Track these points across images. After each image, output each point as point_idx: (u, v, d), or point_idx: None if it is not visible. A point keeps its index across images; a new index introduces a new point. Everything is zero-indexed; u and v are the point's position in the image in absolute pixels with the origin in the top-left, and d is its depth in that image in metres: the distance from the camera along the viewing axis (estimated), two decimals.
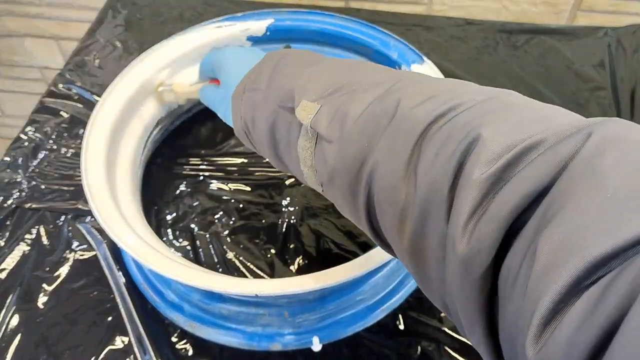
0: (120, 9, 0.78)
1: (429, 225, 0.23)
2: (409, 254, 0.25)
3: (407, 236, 0.25)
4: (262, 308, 0.45)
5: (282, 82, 0.33)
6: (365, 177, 0.27)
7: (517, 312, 0.19)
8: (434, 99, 0.25)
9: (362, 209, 0.28)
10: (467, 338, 0.24)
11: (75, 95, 0.66)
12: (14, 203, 0.55)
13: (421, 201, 0.23)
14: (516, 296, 0.19)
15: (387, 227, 0.27)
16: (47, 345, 0.46)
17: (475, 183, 0.21)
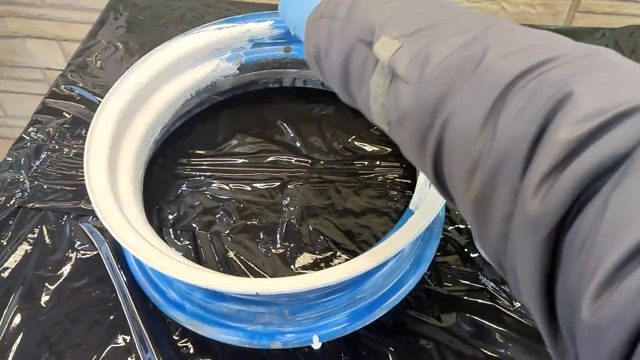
0: (121, 11, 0.79)
1: (501, 180, 0.23)
2: (472, 207, 0.25)
3: (474, 188, 0.24)
4: (262, 307, 0.45)
5: (363, 14, 0.32)
6: (439, 123, 0.26)
7: (580, 273, 0.19)
8: (525, 50, 0.24)
9: (430, 155, 0.27)
10: (520, 297, 0.24)
11: (77, 96, 0.66)
12: (17, 203, 0.56)
13: (498, 154, 0.23)
14: (580, 258, 0.19)
15: (453, 177, 0.26)
16: (49, 344, 0.46)
17: (561, 142, 0.20)
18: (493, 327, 0.47)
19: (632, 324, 0.16)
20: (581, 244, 0.19)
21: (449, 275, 0.51)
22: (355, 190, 0.57)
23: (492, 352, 0.46)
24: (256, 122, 0.63)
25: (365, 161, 0.59)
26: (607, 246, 0.18)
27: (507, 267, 0.24)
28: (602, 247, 0.18)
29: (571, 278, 0.20)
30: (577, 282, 0.19)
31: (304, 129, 0.62)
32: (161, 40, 0.59)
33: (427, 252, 0.50)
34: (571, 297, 0.20)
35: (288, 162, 0.59)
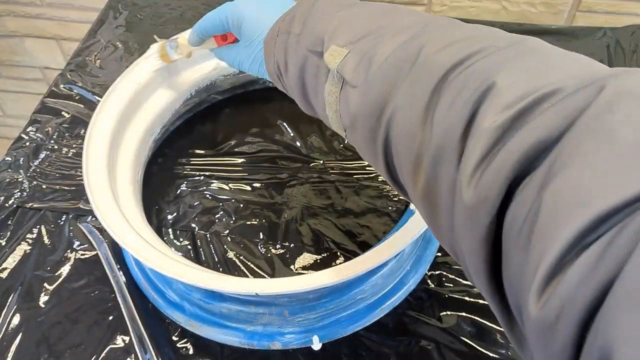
0: (121, 10, 0.79)
1: (440, 172, 0.23)
2: (421, 200, 0.26)
3: (420, 182, 0.25)
4: (262, 307, 0.45)
5: (314, 26, 0.33)
6: (384, 122, 0.27)
7: (521, 265, 0.19)
8: (456, 44, 0.25)
9: (381, 154, 0.28)
10: (474, 284, 0.24)
11: (76, 96, 0.66)
12: (15, 203, 0.55)
13: (435, 147, 0.24)
14: (520, 249, 0.19)
15: (403, 173, 0.27)
16: (48, 345, 0.46)
17: (486, 131, 0.21)
18: (494, 328, 0.47)
19: (578, 316, 0.16)
20: (517, 235, 0.20)
21: (449, 275, 0.51)
22: (355, 190, 0.57)
23: (493, 352, 0.46)
24: (256, 122, 0.63)
25: (365, 161, 0.59)
26: (546, 239, 0.18)
27: (460, 257, 0.24)
28: (541, 240, 0.18)
29: (513, 270, 0.20)
30: (520, 274, 0.19)
31: (304, 129, 0.62)
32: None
33: (427, 253, 0.50)
34: (517, 289, 0.20)
35: (288, 162, 0.59)
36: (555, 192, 0.18)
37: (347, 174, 0.58)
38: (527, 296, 0.18)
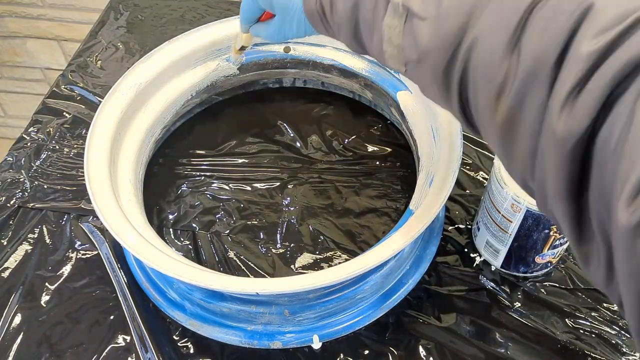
0: (122, 11, 0.79)
1: (529, 99, 0.23)
2: (499, 131, 0.25)
3: (501, 112, 0.25)
4: (262, 306, 0.45)
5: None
6: (462, 54, 0.26)
7: (612, 176, 0.20)
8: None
9: (455, 89, 0.27)
10: (548, 211, 0.24)
11: (77, 96, 0.66)
12: (17, 203, 0.56)
13: (524, 75, 0.23)
14: (612, 161, 0.20)
15: (479, 106, 0.26)
16: (50, 344, 0.46)
17: (584, 56, 0.21)
18: (493, 327, 0.47)
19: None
20: (612, 148, 0.20)
21: (449, 275, 0.51)
22: (355, 190, 0.57)
23: (492, 352, 0.46)
24: (256, 122, 0.63)
25: (365, 161, 0.59)
26: (638, 149, 0.18)
27: (535, 185, 0.24)
28: (634, 149, 0.19)
29: (604, 183, 0.21)
30: (610, 186, 0.20)
31: (304, 129, 0.62)
32: (161, 40, 0.59)
33: (427, 252, 0.50)
34: (604, 201, 0.21)
35: (288, 162, 0.59)
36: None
37: (347, 174, 0.58)
38: (616, 205, 0.19)
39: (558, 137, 0.22)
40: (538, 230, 0.45)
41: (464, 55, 0.26)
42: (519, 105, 0.24)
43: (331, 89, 0.65)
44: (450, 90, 0.28)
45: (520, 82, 0.23)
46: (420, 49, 0.28)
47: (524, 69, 0.23)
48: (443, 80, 0.28)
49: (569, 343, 0.46)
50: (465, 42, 0.26)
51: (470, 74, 0.26)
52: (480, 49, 0.25)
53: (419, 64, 0.29)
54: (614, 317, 0.48)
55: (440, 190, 0.45)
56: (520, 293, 0.49)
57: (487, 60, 0.25)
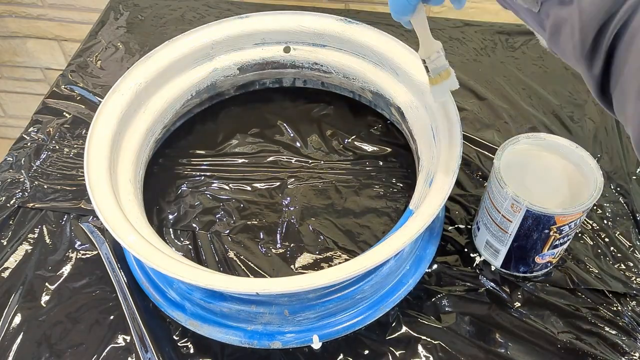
0: (122, 11, 0.79)
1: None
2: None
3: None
4: (262, 306, 0.46)
5: None
6: (627, 9, 0.22)
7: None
8: None
9: (604, 48, 0.23)
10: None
11: (77, 96, 0.66)
12: (17, 203, 0.56)
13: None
14: None
15: (630, 78, 0.22)
16: (50, 344, 0.46)
17: None
18: (493, 327, 0.47)
19: None
20: None
21: (449, 275, 0.51)
22: (355, 190, 0.57)
23: (492, 352, 0.46)
24: (256, 122, 0.63)
25: (365, 161, 0.59)
26: None
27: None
28: None
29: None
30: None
31: (304, 129, 0.62)
32: (161, 40, 0.60)
33: (427, 252, 0.50)
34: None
35: (288, 162, 0.59)
36: None
37: (347, 174, 0.58)
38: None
39: None
40: (538, 230, 0.45)
41: (629, 9, 0.22)
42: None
43: (331, 89, 0.65)
44: (599, 48, 0.23)
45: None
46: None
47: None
48: (593, 34, 0.23)
49: (569, 343, 0.46)
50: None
51: (628, 35, 0.22)
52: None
53: (566, 5, 0.24)
54: (613, 317, 0.48)
55: (440, 190, 0.45)
56: (520, 293, 0.49)
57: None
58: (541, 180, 0.46)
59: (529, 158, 0.48)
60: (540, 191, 0.45)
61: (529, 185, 0.46)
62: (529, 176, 0.47)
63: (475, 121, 0.63)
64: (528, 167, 0.47)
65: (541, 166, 0.47)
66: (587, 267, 0.51)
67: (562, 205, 0.44)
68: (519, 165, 0.47)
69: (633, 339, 0.47)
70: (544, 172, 0.47)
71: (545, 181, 0.46)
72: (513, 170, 0.46)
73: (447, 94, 0.48)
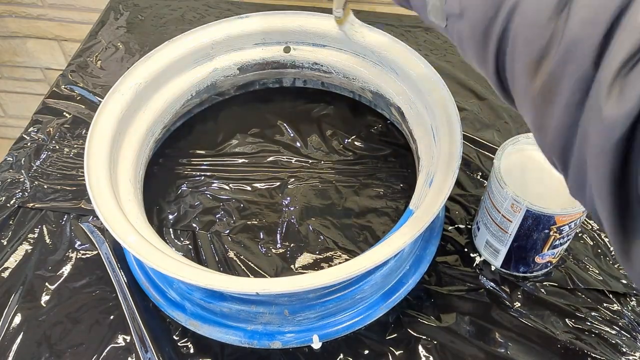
0: (122, 11, 0.79)
1: (570, 67, 0.22)
2: (533, 99, 0.24)
3: (539, 79, 0.23)
4: (262, 306, 0.46)
5: None
6: (505, 11, 0.25)
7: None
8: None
9: (492, 49, 0.26)
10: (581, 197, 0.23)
11: (77, 96, 0.66)
12: (17, 203, 0.56)
13: (569, 40, 0.22)
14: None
15: (516, 70, 0.25)
16: (50, 344, 0.46)
17: (638, 29, 0.19)
18: (493, 327, 0.47)
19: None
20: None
21: (448, 275, 0.51)
22: (355, 190, 0.57)
23: (492, 351, 0.46)
24: (256, 122, 0.63)
25: (365, 161, 0.59)
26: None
27: (572, 162, 0.23)
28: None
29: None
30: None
31: (304, 129, 0.62)
32: (161, 40, 0.60)
33: (427, 252, 0.51)
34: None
35: (288, 162, 0.59)
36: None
37: (347, 174, 0.58)
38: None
39: (604, 119, 0.20)
40: (538, 230, 0.45)
41: (507, 13, 0.25)
42: (560, 72, 0.22)
43: (331, 89, 0.65)
44: (488, 49, 0.26)
45: (564, 47, 0.22)
46: (463, 2, 0.27)
47: (570, 33, 0.22)
48: (482, 39, 0.27)
49: (569, 343, 0.46)
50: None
51: (511, 33, 0.25)
52: (525, 8, 0.24)
53: (459, 19, 0.28)
54: (613, 317, 0.48)
55: (440, 190, 0.45)
56: (520, 293, 0.49)
57: (531, 19, 0.24)
58: (541, 180, 0.46)
59: (529, 158, 0.48)
60: (540, 191, 0.45)
61: (529, 185, 0.46)
62: (529, 176, 0.47)
63: (475, 121, 0.63)
64: (528, 167, 0.47)
65: (541, 166, 0.47)
66: (587, 267, 0.51)
67: (562, 205, 0.44)
68: (519, 165, 0.47)
69: (633, 339, 0.47)
70: (544, 172, 0.47)
71: (545, 181, 0.46)
72: (513, 170, 0.46)
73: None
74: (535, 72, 0.24)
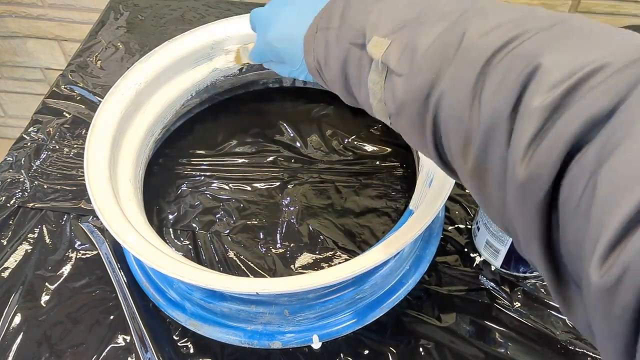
0: (122, 11, 0.79)
1: (490, 151, 0.24)
2: (471, 178, 0.27)
3: (470, 161, 0.26)
4: (262, 306, 0.46)
5: (353, 19, 0.34)
6: (432, 106, 0.28)
7: (580, 235, 0.20)
8: (499, 28, 0.26)
9: (429, 137, 0.29)
10: (525, 256, 0.25)
11: (77, 96, 0.66)
12: (17, 202, 0.56)
13: (484, 128, 0.24)
14: (577, 220, 0.20)
15: (452, 153, 0.28)
16: (50, 344, 0.46)
17: (536, 111, 0.22)
18: (493, 327, 0.47)
19: (639, 280, 0.17)
20: (575, 206, 0.21)
21: (448, 275, 0.51)
22: (355, 190, 0.57)
23: (492, 351, 0.46)
24: (256, 122, 0.63)
25: (365, 161, 0.59)
26: (607, 212, 0.19)
27: (511, 231, 0.25)
28: (601, 212, 0.19)
29: (572, 239, 0.21)
30: (579, 244, 0.20)
31: (304, 129, 0.62)
32: (161, 40, 0.60)
33: (427, 252, 0.50)
34: (575, 258, 0.21)
35: (288, 162, 0.59)
36: (613, 168, 0.19)
37: (347, 174, 0.58)
38: (588, 265, 0.19)
39: (520, 190, 0.22)
40: None
41: (433, 108, 0.28)
42: (483, 154, 0.25)
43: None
44: (426, 139, 0.30)
45: (482, 133, 0.25)
46: (397, 102, 0.30)
47: (484, 121, 0.24)
48: (419, 130, 0.30)
49: (569, 343, 0.46)
50: (433, 96, 0.28)
51: (442, 124, 0.28)
52: (447, 103, 0.27)
53: (398, 116, 0.31)
54: None
55: (440, 190, 0.45)
56: (520, 293, 0.49)
57: (453, 112, 0.27)
58: None
59: None
60: None
61: None
62: None
63: None
64: None
65: None
66: None
67: None
68: None
69: None
70: None
71: None
72: None
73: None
74: (465, 155, 0.27)
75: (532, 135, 0.22)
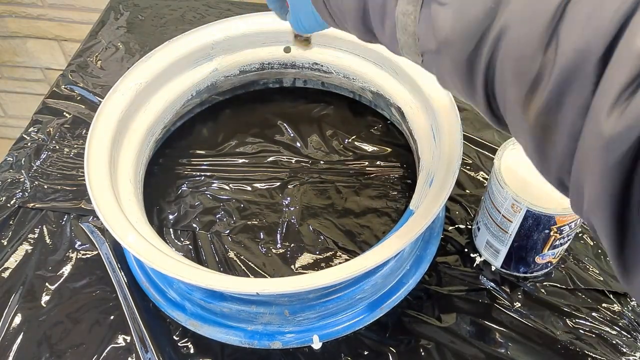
0: (122, 11, 0.79)
1: (568, 97, 0.21)
2: (531, 130, 0.23)
3: (534, 110, 0.23)
4: (262, 307, 0.46)
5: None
6: (488, 44, 0.24)
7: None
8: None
9: (480, 82, 0.25)
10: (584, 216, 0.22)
11: (77, 96, 0.66)
12: (17, 203, 0.56)
13: (562, 70, 0.21)
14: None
15: (508, 101, 0.24)
16: (50, 344, 0.46)
17: (637, 53, 0.19)
18: (493, 327, 0.47)
19: None
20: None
21: (449, 275, 0.51)
22: (355, 190, 0.57)
23: (492, 352, 0.46)
24: (256, 122, 0.63)
25: (365, 161, 0.59)
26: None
27: (572, 187, 0.22)
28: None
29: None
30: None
31: (304, 129, 0.62)
32: (161, 40, 0.60)
33: (427, 252, 0.50)
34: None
35: (288, 162, 0.59)
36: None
37: (347, 174, 0.58)
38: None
39: (604, 143, 0.19)
40: (538, 230, 0.45)
41: (490, 45, 0.23)
42: (556, 104, 0.21)
43: (331, 89, 0.65)
44: (475, 83, 0.25)
45: (558, 78, 0.21)
46: (439, 38, 0.26)
47: (563, 63, 0.21)
48: (466, 73, 0.25)
49: (569, 343, 0.46)
50: (492, 30, 0.23)
51: (498, 66, 0.24)
52: (510, 39, 0.23)
53: (437, 55, 0.26)
54: (614, 317, 0.48)
55: (440, 190, 0.45)
56: (520, 293, 0.49)
57: (517, 52, 0.23)
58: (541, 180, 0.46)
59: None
60: (541, 191, 0.45)
61: (529, 185, 0.46)
62: (529, 176, 0.47)
63: (475, 121, 0.63)
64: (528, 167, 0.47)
65: None
66: (587, 267, 0.51)
67: (563, 205, 0.44)
68: (519, 165, 0.47)
69: (633, 339, 0.47)
70: None
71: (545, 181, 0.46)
72: (513, 170, 0.46)
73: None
74: (529, 103, 0.23)
75: (630, 79, 0.19)
